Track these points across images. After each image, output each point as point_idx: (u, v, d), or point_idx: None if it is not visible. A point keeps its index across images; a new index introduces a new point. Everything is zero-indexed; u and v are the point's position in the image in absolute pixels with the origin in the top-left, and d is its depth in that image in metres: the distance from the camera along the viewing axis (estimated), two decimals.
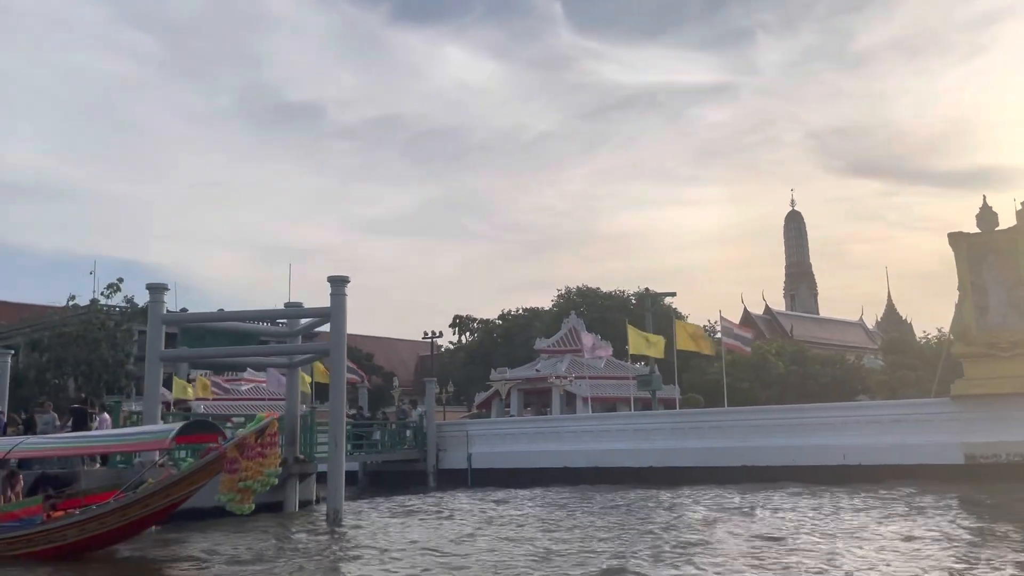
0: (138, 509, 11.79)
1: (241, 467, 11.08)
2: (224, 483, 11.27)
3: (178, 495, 11.85)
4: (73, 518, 11.99)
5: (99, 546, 12.24)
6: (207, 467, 11.54)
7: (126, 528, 12.08)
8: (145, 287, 17.52)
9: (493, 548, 12.79)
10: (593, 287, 57.82)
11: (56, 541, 11.88)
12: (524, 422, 32.15)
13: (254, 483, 11.16)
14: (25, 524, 12.05)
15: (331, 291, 17.03)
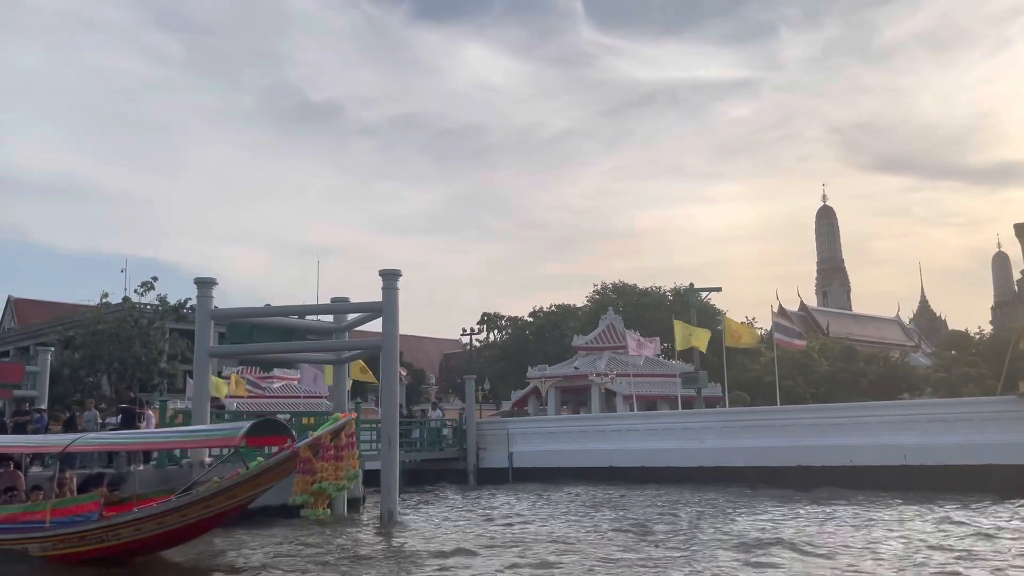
0: (199, 509, 11.03)
1: (316, 468, 10.40)
2: (298, 484, 10.57)
3: (243, 496, 11.09)
4: (129, 516, 11.28)
5: (154, 548, 11.59)
6: (277, 467, 10.83)
7: (185, 530, 11.33)
8: (193, 281, 17.16)
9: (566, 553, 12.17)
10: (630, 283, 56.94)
11: (108, 540, 11.20)
12: (567, 420, 31.47)
13: (329, 486, 10.46)
14: (81, 520, 11.37)
15: (383, 284, 16.46)
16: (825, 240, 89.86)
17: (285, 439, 11.50)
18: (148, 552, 11.62)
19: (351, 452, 10.81)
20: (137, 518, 11.21)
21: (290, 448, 10.78)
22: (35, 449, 14.30)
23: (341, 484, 10.63)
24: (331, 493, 10.56)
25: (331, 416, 11.46)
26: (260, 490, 11.10)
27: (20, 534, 11.60)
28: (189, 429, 14.62)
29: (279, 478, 10.97)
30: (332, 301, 19.86)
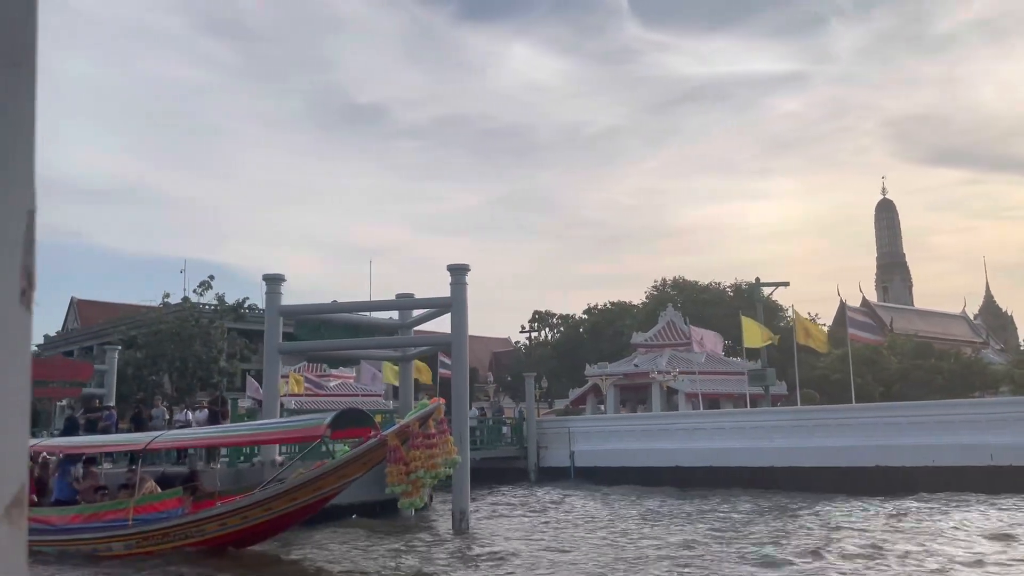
0: (283, 503, 10.67)
1: (407, 457, 9.93)
2: (391, 474, 10.15)
3: (328, 488, 10.68)
4: (213, 511, 11.00)
5: (239, 543, 11.26)
6: (363, 456, 10.38)
7: (269, 524, 11.01)
8: (262, 278, 16.93)
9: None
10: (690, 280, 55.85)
11: (193, 536, 10.93)
12: (630, 419, 30.78)
13: (425, 474, 10.00)
14: (164, 517, 11.14)
15: (452, 280, 16.04)
16: (885, 234, 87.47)
17: (369, 430, 11.07)
18: (236, 546, 11.34)
19: (443, 439, 10.35)
20: (221, 513, 10.92)
21: (378, 437, 10.31)
22: (120, 447, 14.17)
23: (437, 472, 10.18)
24: (427, 481, 10.12)
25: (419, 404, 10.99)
26: (345, 482, 10.68)
27: (104, 532, 11.37)
28: (271, 422, 14.30)
29: (365, 469, 10.52)
30: (397, 297, 19.44)
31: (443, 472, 10.44)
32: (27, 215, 0.73)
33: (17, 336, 0.71)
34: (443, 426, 10.50)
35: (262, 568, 11.16)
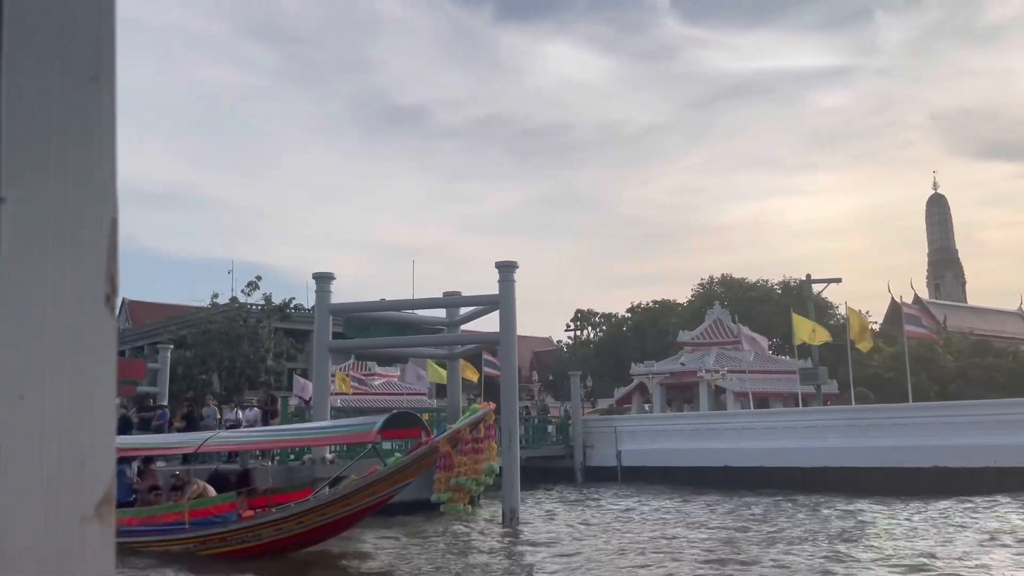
0: (339, 508, 10.86)
1: (455, 463, 10.00)
2: (439, 480, 10.27)
3: (382, 493, 10.84)
4: (269, 516, 11.20)
5: (295, 547, 11.45)
6: (416, 463, 10.49)
7: (324, 528, 11.21)
8: (312, 276, 17.11)
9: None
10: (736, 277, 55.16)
11: (250, 541, 11.14)
12: (679, 418, 30.51)
13: (468, 481, 10.06)
14: (219, 521, 11.36)
15: (500, 277, 16.01)
16: (936, 230, 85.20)
17: (418, 431, 11.18)
18: (291, 550, 11.52)
19: (489, 444, 10.37)
20: (277, 518, 11.10)
21: (429, 443, 10.40)
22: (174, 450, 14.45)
23: (480, 479, 10.20)
24: (471, 488, 10.14)
25: (469, 407, 11.04)
26: (398, 487, 10.83)
27: (162, 536, 11.64)
28: (323, 426, 14.50)
29: (417, 474, 10.65)
30: (444, 295, 19.57)
31: (486, 480, 10.43)
32: (110, 222, 0.75)
33: (103, 339, 0.73)
34: (490, 431, 10.52)
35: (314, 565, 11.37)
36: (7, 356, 0.66)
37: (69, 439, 0.70)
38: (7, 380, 0.66)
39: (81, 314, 0.72)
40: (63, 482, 0.69)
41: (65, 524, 0.69)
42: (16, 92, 0.69)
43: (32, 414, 0.68)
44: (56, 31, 0.72)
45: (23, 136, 0.69)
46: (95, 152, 0.75)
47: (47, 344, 0.69)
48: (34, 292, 0.69)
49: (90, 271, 0.73)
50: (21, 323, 0.68)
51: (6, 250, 0.67)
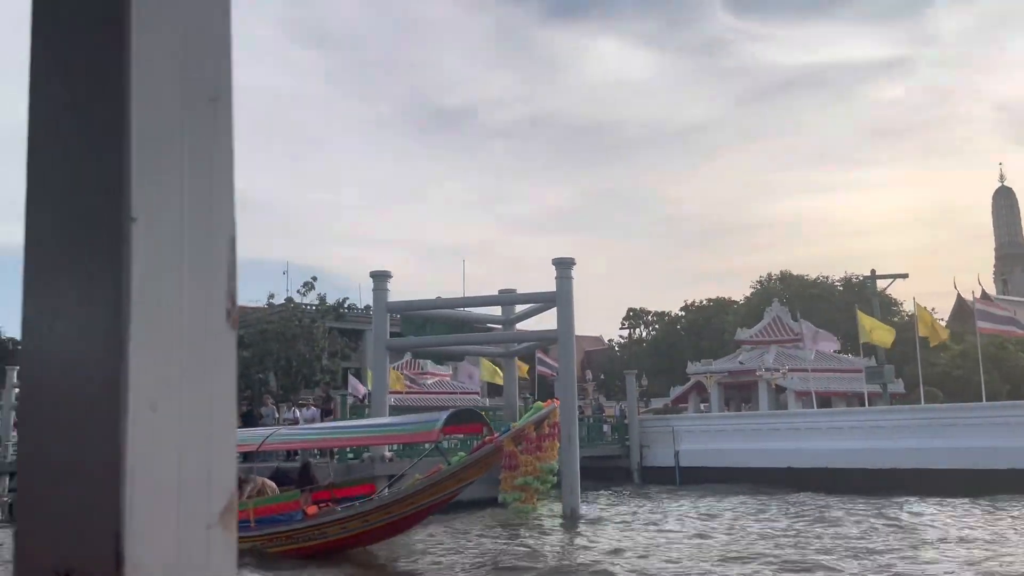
0: (403, 506, 10.98)
1: (519, 462, 9.99)
2: (505, 480, 10.29)
3: (446, 492, 10.91)
4: (335, 515, 11.33)
5: (359, 544, 11.57)
6: (481, 461, 10.54)
7: (389, 526, 11.32)
8: (369, 275, 17.28)
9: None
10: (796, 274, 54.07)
11: (315, 539, 11.26)
12: (739, 417, 30.06)
13: (534, 480, 10.03)
14: (285, 520, 11.50)
15: (557, 274, 15.96)
16: (1004, 224, 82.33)
17: (480, 427, 11.23)
18: (355, 547, 11.64)
19: (551, 443, 10.31)
20: (343, 517, 11.21)
21: (493, 441, 10.40)
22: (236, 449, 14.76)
23: (544, 478, 10.15)
24: (536, 487, 10.11)
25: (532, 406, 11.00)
26: (462, 485, 10.88)
27: None
28: (385, 423, 14.59)
29: (482, 472, 10.70)
30: (500, 293, 19.43)
31: (550, 479, 10.37)
32: (229, 241, 0.78)
33: (225, 353, 0.76)
34: (554, 430, 10.46)
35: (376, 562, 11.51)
36: (141, 368, 0.69)
37: (196, 449, 0.72)
38: (141, 391, 0.69)
39: (206, 329, 0.74)
40: (191, 490, 0.71)
41: (193, 531, 0.71)
42: (143, 115, 0.71)
43: (163, 425, 0.70)
44: (178, 55, 0.74)
45: (151, 157, 0.72)
46: (215, 172, 0.77)
47: (177, 357, 0.71)
48: (165, 308, 0.71)
49: (213, 288, 0.75)
50: (153, 337, 0.70)
51: (138, 268, 0.70)
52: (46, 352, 0.75)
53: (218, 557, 0.74)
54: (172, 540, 0.70)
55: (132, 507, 0.67)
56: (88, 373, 0.71)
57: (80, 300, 0.73)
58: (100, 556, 0.67)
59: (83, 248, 0.73)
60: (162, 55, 0.73)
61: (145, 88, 0.72)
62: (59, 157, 0.76)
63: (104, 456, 0.68)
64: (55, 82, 0.76)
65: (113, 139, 0.71)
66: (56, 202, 0.76)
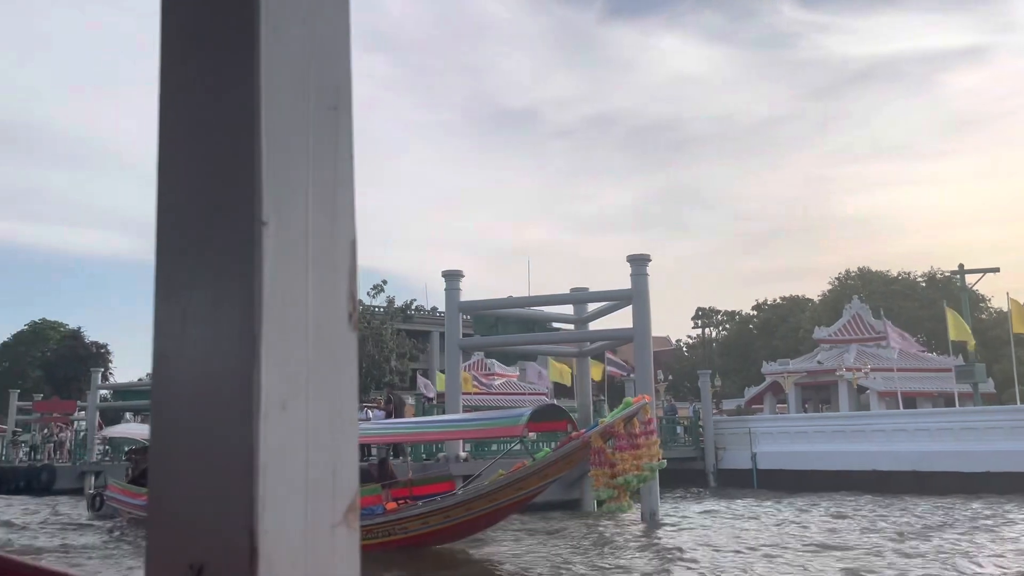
0: (485, 503, 10.78)
1: (611, 459, 9.74)
2: (597, 478, 9.98)
3: (529, 489, 10.67)
4: (415, 509, 11.23)
5: (439, 541, 11.44)
6: (567, 457, 10.25)
7: (470, 523, 11.14)
8: (441, 274, 17.40)
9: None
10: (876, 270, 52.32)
11: (396, 534, 11.15)
12: (821, 419, 29.27)
13: (632, 478, 9.76)
14: (366, 514, 11.29)
15: (632, 271, 15.66)
16: None
17: (565, 424, 11.09)
18: (435, 544, 11.55)
19: (650, 440, 9.99)
20: (424, 512, 11.08)
21: (580, 437, 10.16)
22: None
23: (643, 475, 9.90)
24: (633, 486, 9.86)
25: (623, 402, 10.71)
26: (547, 482, 10.65)
27: None
28: (469, 418, 14.42)
29: (567, 469, 10.50)
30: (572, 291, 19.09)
31: (649, 476, 10.10)
32: (350, 244, 0.79)
33: (348, 354, 0.77)
34: (649, 427, 10.12)
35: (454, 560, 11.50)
36: (272, 368, 0.70)
37: (322, 448, 0.73)
38: (272, 391, 0.70)
39: (331, 330, 0.75)
40: (318, 489, 0.72)
41: (319, 529, 0.72)
42: (272, 122, 0.73)
43: (292, 424, 0.71)
44: (304, 65, 0.76)
45: (279, 163, 0.73)
46: (338, 177, 0.79)
47: (304, 358, 0.73)
48: (292, 309, 0.73)
49: (337, 290, 0.76)
50: (282, 338, 0.71)
51: (268, 270, 0.71)
52: (178, 354, 0.77)
53: (343, 556, 0.75)
54: (300, 537, 0.71)
55: (264, 504, 0.68)
56: (220, 373, 0.73)
57: (211, 303, 0.75)
58: (234, 551, 0.68)
59: (214, 252, 0.75)
60: (289, 65, 0.75)
61: (273, 96, 0.74)
62: (190, 165, 0.78)
63: (237, 454, 0.70)
64: (185, 92, 0.79)
65: (244, 146, 0.73)
66: (187, 208, 0.78)
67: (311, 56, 0.77)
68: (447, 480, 12.57)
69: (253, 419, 0.69)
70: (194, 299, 0.76)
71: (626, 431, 9.91)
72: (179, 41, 0.80)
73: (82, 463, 30.31)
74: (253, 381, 0.70)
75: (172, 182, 0.80)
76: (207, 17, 0.77)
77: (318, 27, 0.77)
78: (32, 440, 35.50)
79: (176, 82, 0.80)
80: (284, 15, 0.74)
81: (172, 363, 0.78)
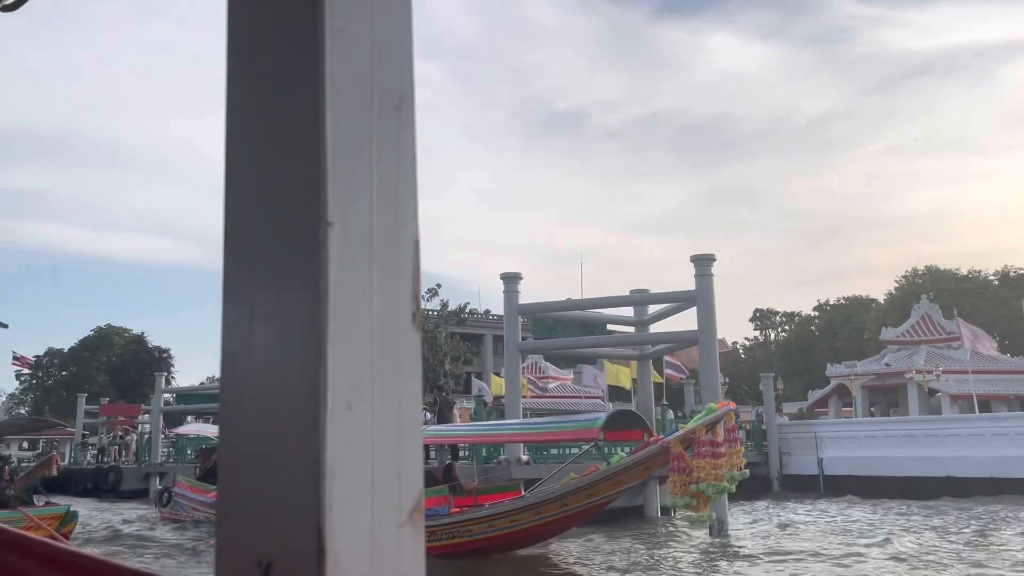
0: (555, 508, 10.32)
1: (690, 466, 9.31)
2: (674, 485, 9.60)
3: (602, 495, 10.26)
4: (482, 512, 10.90)
5: (504, 547, 11.02)
6: (644, 463, 9.85)
7: (537, 529, 10.70)
8: (499, 277, 17.34)
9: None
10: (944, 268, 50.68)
11: (460, 536, 10.76)
12: (891, 423, 28.40)
13: (708, 487, 9.28)
14: (430, 515, 11.04)
15: (696, 271, 15.40)
16: None
17: (642, 432, 10.69)
18: (501, 549, 11.15)
19: (733, 448, 9.61)
20: (490, 514, 10.74)
21: (659, 442, 9.78)
22: None
23: (722, 485, 9.44)
24: (711, 495, 9.38)
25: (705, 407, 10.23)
26: (620, 489, 10.30)
27: None
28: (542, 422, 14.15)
29: (644, 475, 10.24)
30: (631, 293, 18.77)
31: (728, 487, 9.58)
32: (413, 244, 0.79)
33: (412, 353, 0.77)
34: (733, 434, 9.71)
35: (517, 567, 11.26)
36: (338, 368, 0.71)
37: (387, 448, 0.73)
38: (338, 391, 0.70)
39: (395, 331, 0.75)
40: (383, 489, 0.73)
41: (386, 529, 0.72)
42: (336, 123, 0.74)
43: (358, 424, 0.71)
44: (367, 65, 0.76)
45: (343, 164, 0.74)
46: (401, 177, 0.79)
47: (369, 358, 0.73)
48: (358, 309, 0.73)
49: (401, 290, 0.76)
50: (348, 338, 0.72)
51: (334, 271, 0.71)
52: (246, 355, 0.77)
53: (409, 556, 0.74)
54: (367, 537, 0.71)
55: (331, 503, 0.68)
56: (287, 373, 0.73)
57: (278, 304, 0.75)
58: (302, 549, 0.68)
59: (280, 253, 0.75)
60: (352, 66, 0.75)
61: (337, 97, 0.74)
62: (256, 167, 0.79)
63: (304, 453, 0.70)
64: (251, 93, 0.80)
65: (309, 147, 0.73)
66: (254, 210, 0.79)
67: (374, 57, 0.77)
68: (514, 489, 12.05)
69: (320, 419, 0.69)
70: (261, 300, 0.76)
71: (708, 438, 9.42)
72: (244, 44, 0.81)
73: (147, 464, 31.32)
74: (319, 381, 0.70)
75: (239, 185, 0.81)
76: (271, 20, 0.78)
77: (381, 28, 0.77)
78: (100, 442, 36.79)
79: (242, 85, 0.81)
80: (347, 16, 0.75)
81: (240, 364, 0.78)
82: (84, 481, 29.79)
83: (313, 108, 0.73)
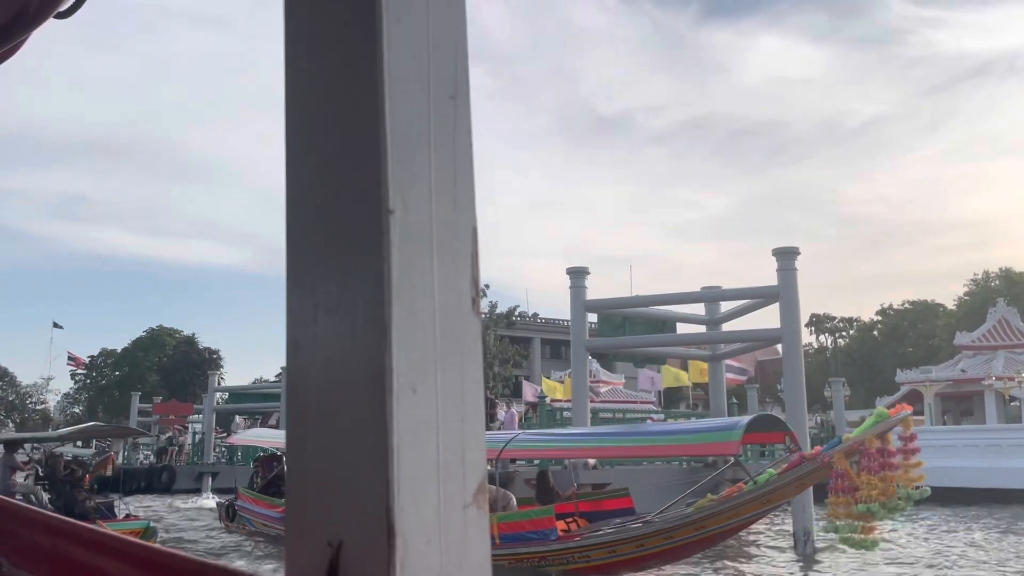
0: (689, 531, 9.24)
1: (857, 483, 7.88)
2: (835, 505, 8.16)
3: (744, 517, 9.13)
4: (601, 536, 9.89)
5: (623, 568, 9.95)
6: (799, 481, 8.68)
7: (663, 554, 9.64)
8: (565, 272, 16.92)
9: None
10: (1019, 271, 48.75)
11: (576, 563, 9.82)
12: (971, 432, 27.30)
13: (877, 508, 7.80)
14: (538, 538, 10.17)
15: (778, 265, 14.55)
16: None
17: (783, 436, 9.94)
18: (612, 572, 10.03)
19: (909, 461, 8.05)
20: (612, 540, 9.80)
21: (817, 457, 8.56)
22: None
23: (895, 503, 7.95)
24: (880, 516, 7.91)
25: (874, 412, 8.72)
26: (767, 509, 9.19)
27: None
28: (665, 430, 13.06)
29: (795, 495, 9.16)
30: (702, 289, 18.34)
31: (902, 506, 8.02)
32: (471, 231, 0.81)
33: (472, 338, 0.78)
34: (911, 443, 8.15)
35: None
36: (402, 353, 0.73)
37: (451, 431, 0.75)
38: (403, 375, 0.72)
39: (456, 315, 0.77)
40: (449, 470, 0.74)
41: (452, 510, 0.74)
42: (395, 112, 0.76)
43: (423, 407, 0.73)
44: (424, 55, 0.79)
45: (403, 152, 0.76)
46: (458, 166, 0.80)
47: (432, 342, 0.75)
48: (420, 295, 0.75)
49: (461, 276, 0.78)
50: (411, 324, 0.74)
51: (396, 258, 0.74)
52: (311, 342, 0.80)
53: (474, 535, 0.76)
54: (434, 516, 0.73)
55: (399, 483, 0.71)
56: (352, 359, 0.76)
57: (341, 291, 0.77)
58: (372, 528, 0.71)
59: (343, 242, 0.78)
60: (410, 55, 0.78)
61: (396, 87, 0.76)
62: (317, 157, 0.81)
63: (371, 436, 0.72)
64: (311, 85, 0.82)
65: (369, 136, 0.76)
66: (316, 200, 0.81)
67: (430, 46, 0.79)
68: (622, 496, 11.13)
69: (386, 402, 0.72)
70: (325, 288, 0.79)
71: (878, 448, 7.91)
72: (303, 34, 0.84)
73: (200, 464, 31.93)
74: (385, 366, 0.72)
75: (300, 176, 0.83)
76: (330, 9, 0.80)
77: (436, 17, 0.79)
78: (157, 443, 37.67)
79: (301, 76, 0.83)
80: (405, 5, 0.77)
81: (305, 351, 0.81)
82: (137, 480, 30.16)
83: (373, 97, 0.75)
